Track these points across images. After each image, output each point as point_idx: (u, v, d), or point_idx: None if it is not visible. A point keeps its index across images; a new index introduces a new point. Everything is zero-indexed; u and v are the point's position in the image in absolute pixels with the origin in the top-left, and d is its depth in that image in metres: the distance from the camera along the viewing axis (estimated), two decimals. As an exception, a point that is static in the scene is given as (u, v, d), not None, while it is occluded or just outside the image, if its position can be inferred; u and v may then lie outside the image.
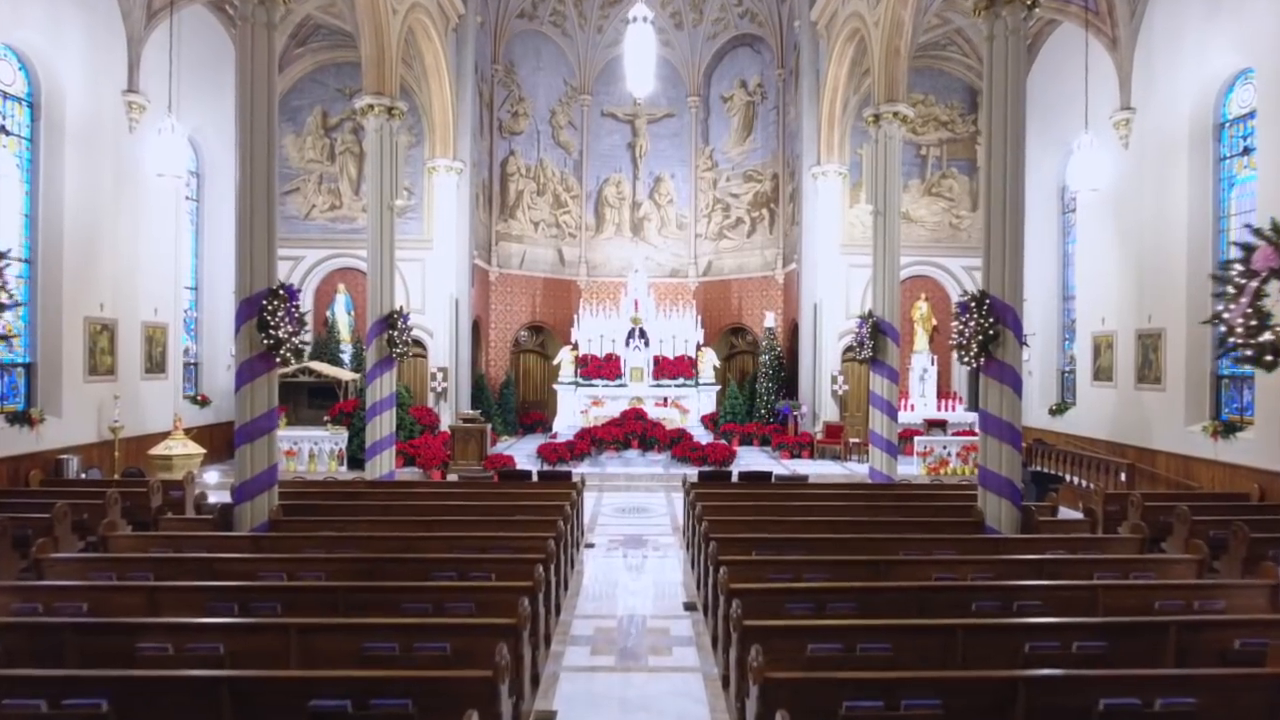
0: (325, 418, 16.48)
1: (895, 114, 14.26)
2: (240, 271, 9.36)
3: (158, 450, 13.19)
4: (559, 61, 24.80)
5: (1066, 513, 10.74)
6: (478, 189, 21.39)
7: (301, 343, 9.60)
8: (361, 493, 11.00)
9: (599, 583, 9.61)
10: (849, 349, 19.49)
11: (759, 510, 9.91)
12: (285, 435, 16.16)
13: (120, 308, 14.22)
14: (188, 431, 15.45)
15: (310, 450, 16.09)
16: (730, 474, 12.66)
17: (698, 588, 9.15)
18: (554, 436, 19.68)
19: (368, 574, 7.17)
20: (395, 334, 13.83)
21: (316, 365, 16.82)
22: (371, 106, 14.02)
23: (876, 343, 14.01)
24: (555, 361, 22.27)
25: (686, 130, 25.41)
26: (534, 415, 23.74)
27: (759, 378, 21.78)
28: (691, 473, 16.01)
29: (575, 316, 22.50)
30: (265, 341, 9.14)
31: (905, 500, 10.84)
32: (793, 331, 21.76)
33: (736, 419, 21.33)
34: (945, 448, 16.57)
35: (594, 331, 22.09)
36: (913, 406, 18.78)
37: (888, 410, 14.02)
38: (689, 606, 8.64)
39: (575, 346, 21.95)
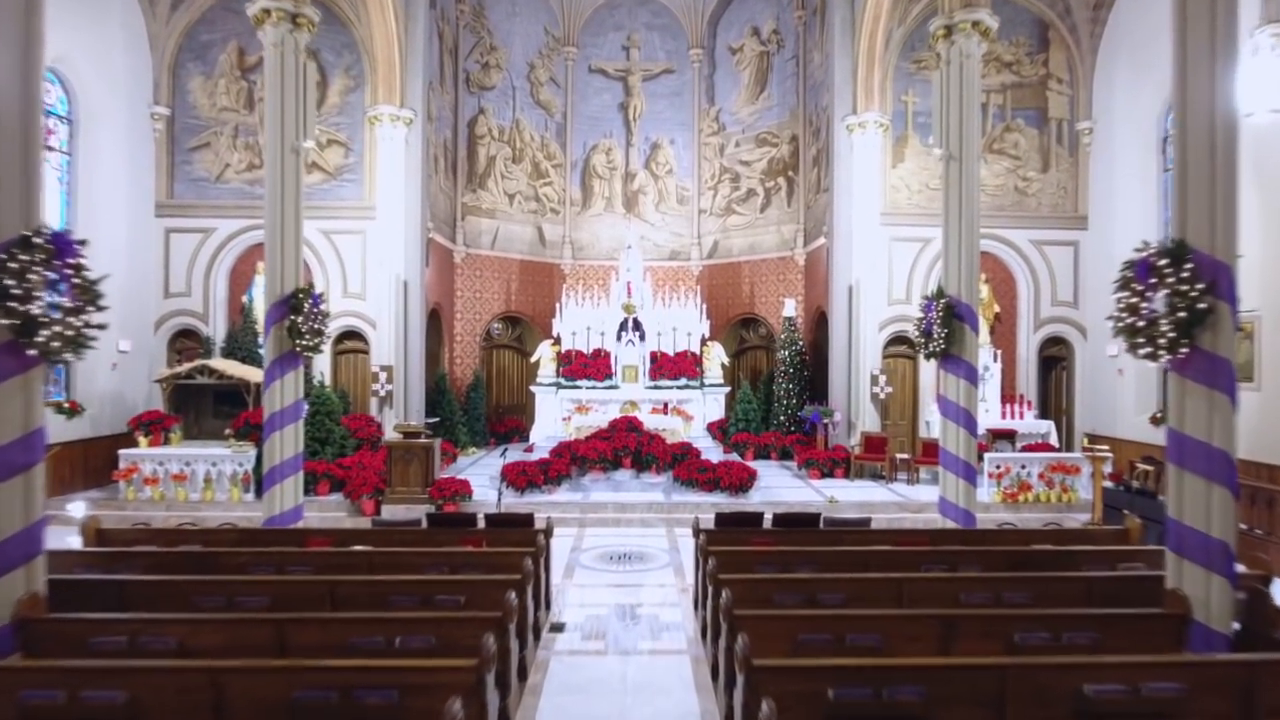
0: (227, 430, 12.83)
1: (974, 24, 10.64)
2: (-24, 210, 5.72)
3: (-34, 481, 9.55)
4: (538, 7, 21.10)
5: (1280, 584, 7.12)
6: (437, 150, 17.71)
7: (87, 325, 5.89)
8: (217, 553, 7.33)
9: (564, 714, 5.97)
10: (893, 341, 15.94)
11: (817, 587, 6.28)
12: (175, 453, 12.57)
13: (-70, 286, 10.54)
14: (51, 449, 11.77)
15: (207, 473, 12.44)
16: (760, 516, 9.01)
17: (726, 729, 5.55)
18: (529, 450, 16.08)
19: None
20: (300, 320, 10.22)
21: (218, 363, 13.12)
22: (268, 12, 10.33)
23: (951, 331, 10.42)
24: (534, 359, 18.68)
25: (688, 88, 21.75)
26: (510, 422, 20.06)
27: (777, 378, 18.11)
28: (701, 500, 12.46)
29: (558, 305, 18.89)
30: (4, 321, 5.52)
31: (1031, 563, 7.21)
32: (818, 321, 18.12)
33: (750, 427, 17.69)
34: (1024, 467, 12.98)
35: (580, 323, 18.52)
36: (971, 413, 15.14)
37: (965, 421, 10.40)
38: (715, 777, 5.03)
39: (557, 341, 18.37)
